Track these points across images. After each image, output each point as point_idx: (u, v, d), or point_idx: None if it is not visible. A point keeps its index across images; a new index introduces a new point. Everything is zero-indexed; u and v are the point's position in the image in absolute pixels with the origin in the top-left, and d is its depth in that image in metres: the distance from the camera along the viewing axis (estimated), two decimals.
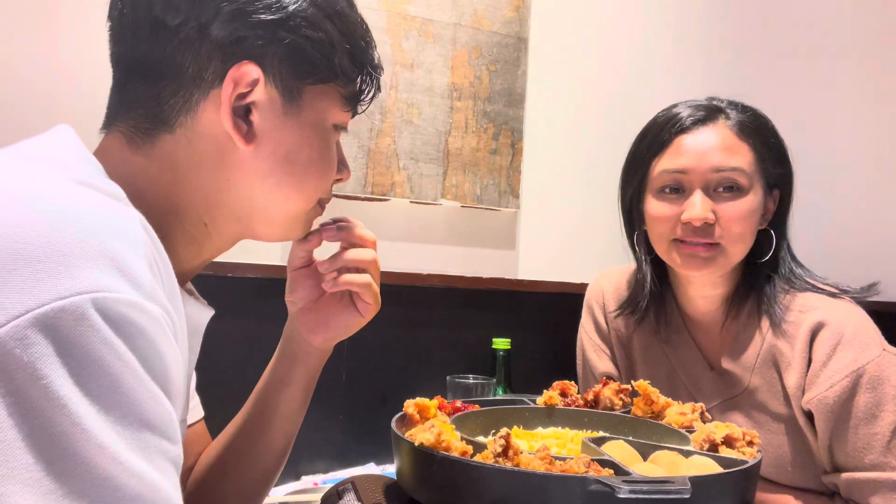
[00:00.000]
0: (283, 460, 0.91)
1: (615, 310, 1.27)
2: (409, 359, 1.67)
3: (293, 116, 0.69)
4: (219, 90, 0.65)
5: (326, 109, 0.71)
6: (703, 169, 1.08)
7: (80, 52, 1.38)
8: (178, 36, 0.64)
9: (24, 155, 0.58)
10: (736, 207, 1.07)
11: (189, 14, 0.63)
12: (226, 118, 0.65)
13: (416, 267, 1.69)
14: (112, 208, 0.54)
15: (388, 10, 1.66)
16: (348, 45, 0.71)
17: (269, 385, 0.88)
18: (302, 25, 0.67)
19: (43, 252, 0.46)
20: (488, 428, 0.90)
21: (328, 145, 0.73)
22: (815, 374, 1.04)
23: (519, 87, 1.82)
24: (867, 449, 1.00)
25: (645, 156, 1.15)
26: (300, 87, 0.69)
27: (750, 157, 1.09)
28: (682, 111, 1.13)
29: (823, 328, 1.05)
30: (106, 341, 0.46)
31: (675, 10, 2.05)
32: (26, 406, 0.43)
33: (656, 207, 1.12)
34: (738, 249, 1.09)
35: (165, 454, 0.49)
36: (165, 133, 0.66)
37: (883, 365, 1.01)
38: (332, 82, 0.71)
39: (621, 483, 0.61)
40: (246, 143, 0.66)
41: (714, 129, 1.10)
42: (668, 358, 1.21)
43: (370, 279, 0.84)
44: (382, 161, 1.65)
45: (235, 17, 0.64)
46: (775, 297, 1.11)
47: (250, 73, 0.65)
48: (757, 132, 1.11)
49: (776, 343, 1.09)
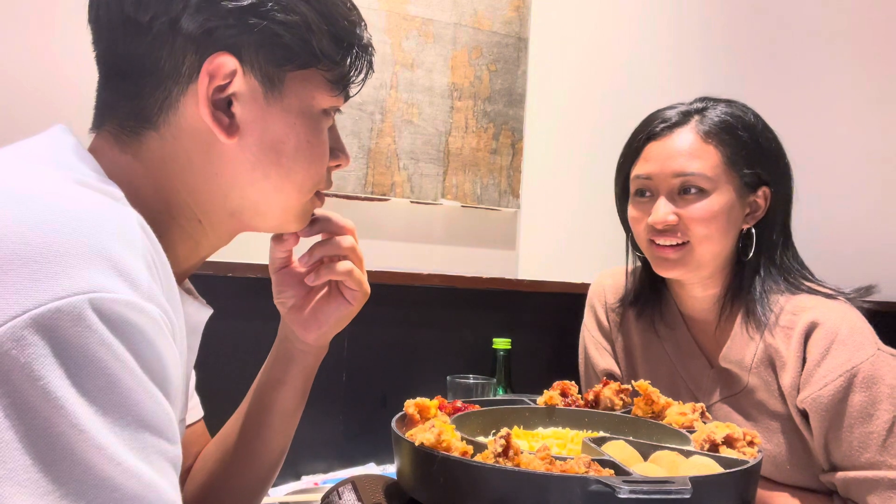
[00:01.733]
0: (282, 459, 0.90)
1: (616, 302, 1.30)
2: (409, 359, 1.66)
3: (276, 105, 0.67)
4: (196, 84, 0.64)
5: (312, 95, 0.69)
6: (665, 175, 1.12)
7: (80, 53, 1.38)
8: (150, 32, 0.63)
9: (22, 154, 0.58)
10: (698, 209, 1.10)
11: (158, 9, 0.62)
12: (205, 112, 0.64)
13: (416, 267, 1.68)
14: (110, 208, 0.54)
15: (388, 10, 1.66)
16: (328, 26, 0.68)
17: (266, 385, 0.88)
18: (274, 10, 0.64)
19: (40, 252, 0.46)
20: (488, 428, 0.90)
21: (317, 132, 0.71)
22: (809, 373, 1.05)
23: (519, 87, 1.82)
24: (863, 448, 1.00)
25: (623, 162, 1.22)
26: (280, 75, 0.67)
27: (716, 159, 1.11)
28: (658, 117, 1.17)
29: (818, 328, 1.06)
30: (103, 342, 0.46)
31: (674, 10, 2.05)
32: (23, 407, 0.43)
33: (631, 211, 1.19)
34: (706, 249, 1.11)
35: (164, 454, 0.49)
36: (151, 131, 0.65)
37: (877, 364, 1.02)
38: (315, 67, 0.68)
39: (622, 483, 0.60)
40: (228, 135, 0.65)
41: (680, 135, 1.14)
42: (668, 356, 1.23)
43: (351, 265, 0.83)
44: (382, 161, 1.65)
45: (204, 8, 0.63)
46: (763, 298, 1.13)
47: (226, 65, 0.64)
48: (729, 133, 1.13)
49: (772, 343, 1.10)
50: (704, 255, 1.12)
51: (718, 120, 1.13)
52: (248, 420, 0.88)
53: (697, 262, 1.12)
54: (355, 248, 0.84)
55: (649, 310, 1.26)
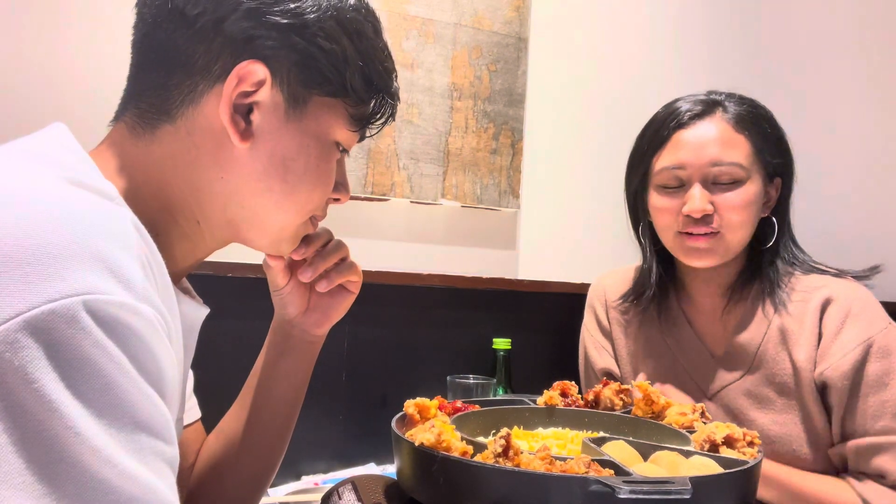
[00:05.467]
0: (281, 454, 0.91)
1: (619, 299, 1.30)
2: (409, 359, 1.66)
3: (294, 123, 0.68)
4: (223, 84, 0.65)
5: (330, 124, 0.71)
6: (700, 163, 1.12)
7: (81, 53, 1.38)
8: (194, 26, 0.64)
9: (18, 152, 0.58)
10: (734, 198, 1.11)
11: (208, 6, 0.64)
12: (224, 111, 0.65)
13: (416, 267, 1.68)
14: (103, 209, 0.54)
15: (388, 10, 1.66)
16: (363, 64, 0.70)
17: (269, 376, 0.89)
18: (317, 35, 0.67)
19: (33, 255, 0.46)
20: (488, 428, 0.90)
21: (327, 160, 0.72)
22: (826, 346, 1.09)
23: (519, 87, 1.81)
24: (878, 416, 1.05)
25: (646, 151, 1.19)
26: (306, 96, 0.68)
27: (747, 148, 1.13)
28: (681, 106, 1.17)
29: (832, 303, 1.11)
30: (98, 343, 0.46)
31: (675, 9, 2.05)
32: (18, 410, 0.43)
33: (659, 201, 1.17)
34: (737, 237, 1.13)
35: (161, 455, 0.49)
36: (167, 123, 0.66)
37: (890, 337, 1.07)
38: (341, 98, 0.70)
39: (622, 483, 0.60)
40: (241, 139, 0.66)
41: (711, 123, 1.14)
42: (670, 350, 1.25)
43: (353, 262, 0.88)
44: (382, 161, 1.65)
45: (251, 16, 0.65)
46: (780, 281, 1.16)
47: (256, 73, 0.65)
48: (754, 123, 1.15)
49: (783, 322, 1.14)
50: (734, 243, 1.13)
51: (744, 111, 1.15)
52: (252, 412, 0.89)
53: (727, 250, 1.13)
54: (342, 243, 0.87)
55: (652, 306, 1.27)
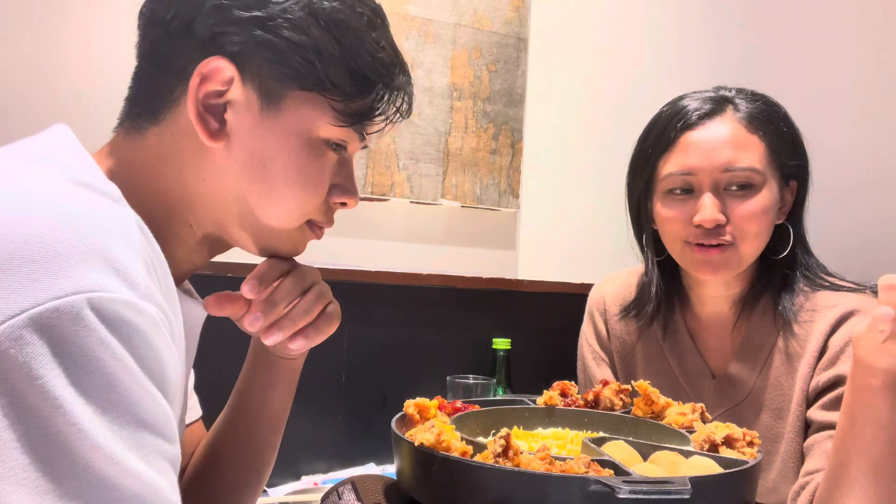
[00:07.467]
0: (273, 457, 0.88)
1: (619, 312, 1.22)
2: (409, 359, 1.66)
3: (271, 119, 0.66)
4: None
5: (311, 119, 0.67)
6: (711, 168, 1.02)
7: (81, 54, 1.38)
8: (169, 30, 0.65)
9: (21, 154, 0.58)
10: (749, 207, 1.01)
11: (179, 9, 0.65)
12: (191, 110, 0.64)
13: (416, 267, 1.68)
14: (107, 208, 0.54)
15: (388, 10, 1.63)
16: (344, 55, 0.66)
17: (252, 389, 0.85)
18: (282, 26, 0.64)
19: (38, 252, 0.46)
20: (488, 428, 0.90)
21: (313, 159, 0.68)
22: (830, 359, 1.01)
23: (519, 87, 1.82)
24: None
25: (650, 154, 1.09)
26: (281, 91, 0.66)
27: (762, 150, 1.03)
28: (688, 105, 1.07)
29: (844, 325, 1.01)
30: (102, 341, 0.46)
31: (675, 9, 2.05)
32: (22, 406, 0.43)
33: (666, 209, 1.07)
34: (752, 248, 1.04)
35: (163, 454, 0.49)
36: (153, 126, 0.67)
37: None
38: (319, 91, 0.66)
39: (621, 483, 0.60)
40: (211, 138, 0.65)
41: (722, 123, 1.04)
42: (671, 368, 1.16)
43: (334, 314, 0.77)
44: (382, 161, 1.65)
45: (216, 13, 0.64)
46: (792, 296, 1.06)
47: (222, 70, 0.64)
48: (769, 122, 1.05)
49: (790, 340, 1.05)
50: (749, 255, 1.04)
51: (757, 108, 1.05)
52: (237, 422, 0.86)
53: (740, 262, 1.04)
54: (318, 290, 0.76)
55: (655, 317, 1.17)
